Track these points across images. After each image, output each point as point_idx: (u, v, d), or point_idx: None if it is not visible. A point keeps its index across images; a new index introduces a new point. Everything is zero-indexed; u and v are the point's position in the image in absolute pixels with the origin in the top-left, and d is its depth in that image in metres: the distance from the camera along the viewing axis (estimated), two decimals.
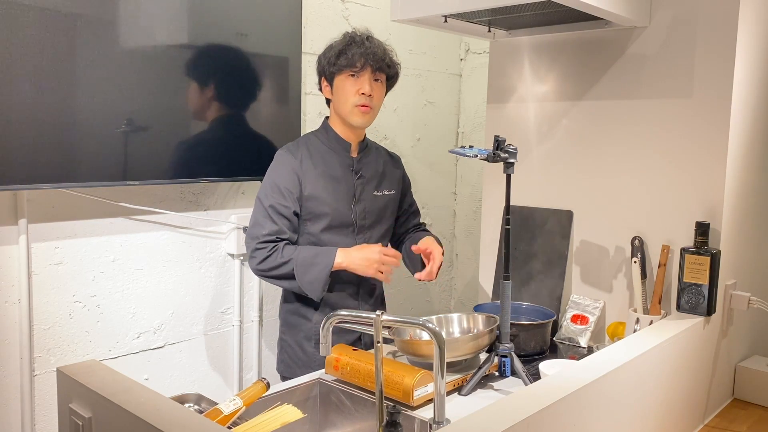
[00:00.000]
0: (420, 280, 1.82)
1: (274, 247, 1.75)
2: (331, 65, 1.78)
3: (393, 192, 1.94)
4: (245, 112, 2.17)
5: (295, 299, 1.87)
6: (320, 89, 1.88)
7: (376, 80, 1.80)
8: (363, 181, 1.86)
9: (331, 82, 1.82)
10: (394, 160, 2.01)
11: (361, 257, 1.74)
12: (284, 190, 1.78)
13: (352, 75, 1.77)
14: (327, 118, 1.90)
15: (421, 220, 2.14)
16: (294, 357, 1.88)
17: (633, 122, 1.80)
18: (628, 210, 1.83)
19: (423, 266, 1.93)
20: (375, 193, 1.89)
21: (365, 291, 1.90)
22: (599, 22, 1.76)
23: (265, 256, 1.74)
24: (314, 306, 1.84)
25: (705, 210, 1.67)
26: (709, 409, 1.70)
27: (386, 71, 1.82)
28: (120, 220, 2.03)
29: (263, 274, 1.77)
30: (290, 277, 1.75)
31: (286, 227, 1.77)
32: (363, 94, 1.77)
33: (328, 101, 1.87)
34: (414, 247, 1.85)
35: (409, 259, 1.96)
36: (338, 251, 1.75)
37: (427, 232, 2.05)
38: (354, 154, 1.87)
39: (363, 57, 1.75)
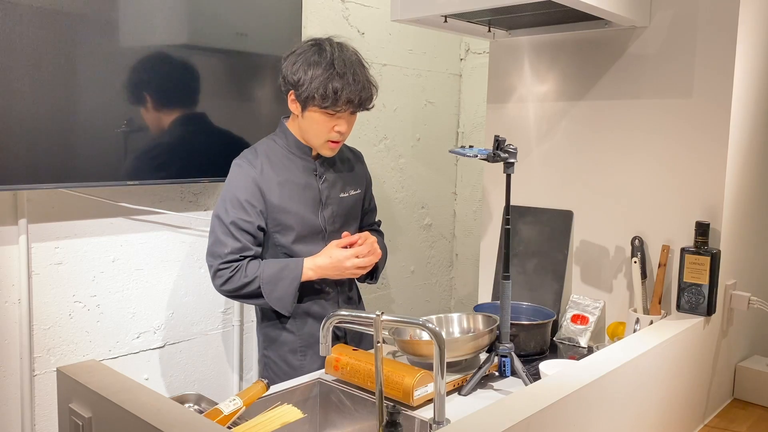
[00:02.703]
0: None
1: (237, 266, 1.65)
2: (310, 97, 1.63)
3: (359, 191, 1.87)
4: (245, 112, 2.17)
5: (274, 314, 1.78)
6: (282, 92, 1.73)
7: (352, 114, 1.71)
8: (328, 185, 1.78)
9: (303, 106, 1.68)
10: (356, 156, 1.93)
11: (331, 266, 1.69)
12: (245, 203, 1.67)
13: (331, 114, 1.66)
14: (284, 118, 1.81)
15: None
16: (279, 372, 1.80)
17: (633, 122, 1.80)
18: (628, 210, 1.83)
19: (368, 273, 1.87)
20: (341, 195, 1.81)
21: (344, 298, 1.86)
22: (599, 22, 1.75)
23: (229, 277, 1.65)
24: (295, 317, 1.78)
25: (705, 210, 1.67)
26: (709, 409, 1.70)
27: (365, 109, 1.73)
28: (120, 220, 2.03)
29: (229, 295, 1.69)
30: (258, 295, 1.67)
31: (251, 243, 1.67)
32: (339, 132, 1.69)
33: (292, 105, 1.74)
34: (344, 235, 1.75)
35: None
36: (305, 262, 1.69)
37: (378, 232, 2.00)
38: (315, 158, 1.79)
39: (348, 101, 1.63)
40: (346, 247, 1.74)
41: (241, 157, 1.76)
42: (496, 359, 1.55)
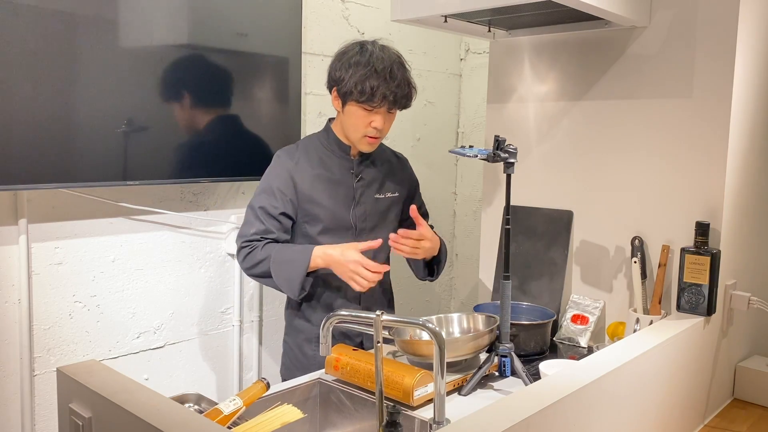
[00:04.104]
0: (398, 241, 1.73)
1: (256, 245, 1.73)
2: (348, 92, 1.70)
3: (397, 194, 1.89)
4: (245, 112, 2.17)
5: (296, 301, 1.85)
6: (329, 91, 1.82)
7: (390, 112, 1.75)
8: (363, 184, 1.83)
9: (342, 100, 1.74)
10: (399, 161, 1.96)
11: (337, 260, 1.68)
12: (276, 191, 1.76)
13: (368, 109, 1.71)
14: (330, 120, 1.87)
15: (430, 223, 2.09)
16: (294, 360, 1.87)
17: (633, 122, 1.80)
18: (628, 210, 1.83)
19: (426, 269, 1.90)
20: (377, 195, 1.85)
21: (366, 295, 1.85)
22: (599, 22, 1.76)
23: (247, 254, 1.74)
24: (314, 308, 1.83)
25: (705, 210, 1.67)
26: (709, 409, 1.70)
27: (402, 108, 1.76)
28: (120, 220, 2.03)
29: (247, 272, 1.77)
30: (269, 275, 1.72)
31: (275, 227, 1.75)
32: (375, 128, 1.72)
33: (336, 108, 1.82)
34: (401, 231, 1.75)
35: (411, 261, 1.93)
36: (315, 249, 1.70)
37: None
38: (354, 157, 1.83)
39: (383, 97, 1.68)
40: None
41: (282, 150, 1.85)
42: (496, 359, 1.55)
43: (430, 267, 1.92)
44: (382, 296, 1.92)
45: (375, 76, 1.67)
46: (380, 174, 1.87)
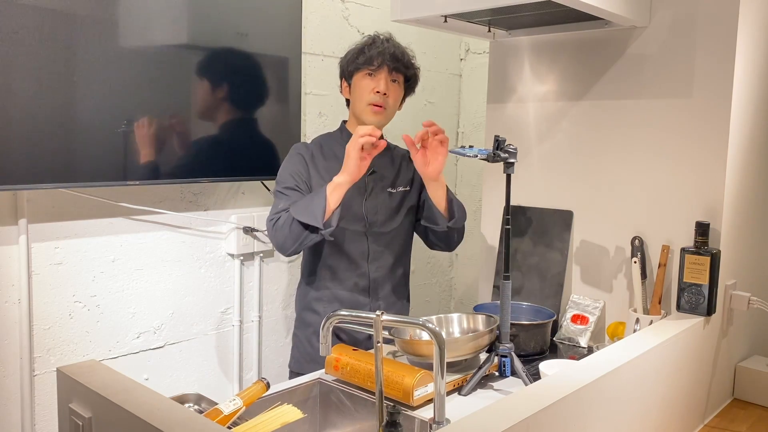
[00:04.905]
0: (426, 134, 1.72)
1: (282, 214, 1.72)
2: (350, 64, 1.82)
3: (409, 188, 1.91)
4: (245, 112, 2.17)
5: (308, 293, 1.87)
6: (341, 91, 1.90)
7: (394, 81, 1.81)
8: (375, 178, 1.86)
9: (349, 81, 1.85)
10: (411, 157, 1.98)
11: (343, 165, 1.67)
12: (294, 173, 1.81)
13: (369, 74, 1.79)
14: (344, 122, 1.91)
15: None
16: (303, 352, 1.89)
17: (633, 122, 1.80)
18: (628, 210, 1.83)
19: (447, 215, 1.84)
20: (389, 190, 1.88)
21: (374, 289, 1.87)
22: (599, 22, 1.75)
23: (274, 223, 1.72)
24: (326, 302, 1.85)
25: (705, 210, 1.67)
26: (709, 409, 1.70)
27: (403, 72, 1.83)
28: (120, 220, 2.03)
29: (277, 242, 1.72)
30: (297, 236, 1.68)
31: (299, 198, 1.76)
32: (378, 92, 1.77)
33: (348, 102, 1.89)
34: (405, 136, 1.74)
35: (428, 219, 1.87)
36: (329, 184, 1.68)
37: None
38: None
39: (380, 56, 1.77)
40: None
41: (297, 143, 1.92)
42: (496, 359, 1.55)
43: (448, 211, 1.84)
44: (392, 291, 1.91)
45: (372, 44, 1.81)
46: (394, 169, 1.91)
